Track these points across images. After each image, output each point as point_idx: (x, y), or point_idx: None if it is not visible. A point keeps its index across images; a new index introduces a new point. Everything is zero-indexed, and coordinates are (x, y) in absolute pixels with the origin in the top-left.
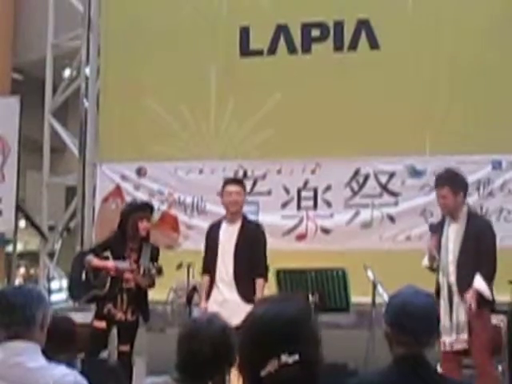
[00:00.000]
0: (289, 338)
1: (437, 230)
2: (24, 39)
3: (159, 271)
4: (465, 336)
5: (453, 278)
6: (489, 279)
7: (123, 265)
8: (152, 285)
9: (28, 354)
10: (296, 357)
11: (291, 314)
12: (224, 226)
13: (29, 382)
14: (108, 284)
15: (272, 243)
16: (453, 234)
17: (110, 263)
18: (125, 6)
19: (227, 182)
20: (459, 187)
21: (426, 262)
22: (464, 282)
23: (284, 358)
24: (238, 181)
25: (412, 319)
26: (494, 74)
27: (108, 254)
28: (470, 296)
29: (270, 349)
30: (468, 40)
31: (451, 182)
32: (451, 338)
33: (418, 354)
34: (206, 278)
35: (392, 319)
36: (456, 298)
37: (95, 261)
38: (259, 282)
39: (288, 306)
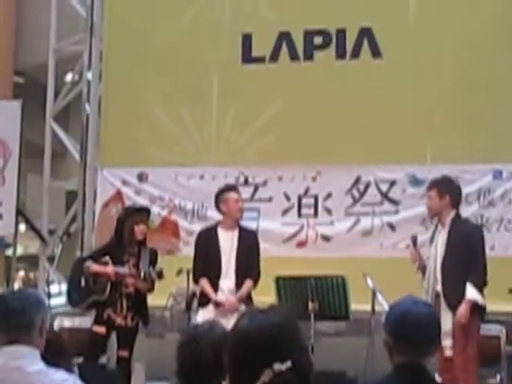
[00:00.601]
0: (278, 346)
1: (416, 242)
2: (26, 43)
3: (160, 275)
4: (448, 342)
5: (439, 287)
6: (480, 287)
7: (123, 270)
8: (152, 289)
9: (27, 359)
10: (288, 363)
11: (276, 322)
12: (221, 231)
13: None
14: (108, 289)
15: (272, 250)
16: (440, 240)
17: (110, 268)
18: (127, 11)
19: (229, 188)
20: (446, 191)
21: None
22: (452, 292)
23: (277, 366)
24: (236, 188)
25: (412, 329)
26: (497, 83)
27: (107, 259)
28: (462, 311)
29: (261, 359)
30: (470, 49)
31: (439, 185)
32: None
33: (417, 363)
34: (205, 280)
35: (392, 329)
36: (443, 305)
37: (94, 266)
38: (248, 281)
39: (271, 315)
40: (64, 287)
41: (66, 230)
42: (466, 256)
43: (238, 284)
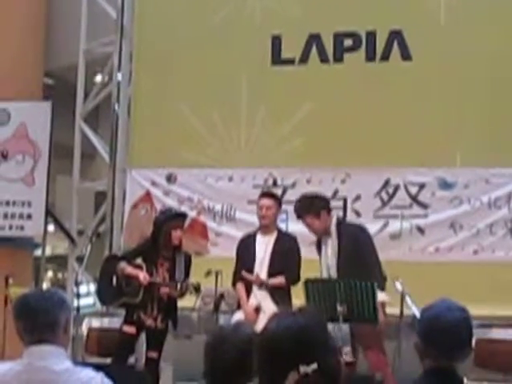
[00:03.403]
0: (304, 348)
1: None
2: (56, 45)
3: (197, 289)
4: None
5: None
6: (383, 287)
7: (157, 280)
8: (184, 296)
9: (53, 358)
10: (314, 365)
11: (303, 324)
12: (259, 237)
13: None
14: (141, 294)
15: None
16: (330, 249)
17: (142, 276)
18: (157, 12)
19: (261, 194)
20: (318, 208)
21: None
22: None
23: (303, 368)
24: (270, 194)
25: (443, 333)
26: None
27: (140, 262)
28: (382, 317)
29: (288, 361)
30: (500, 52)
31: (308, 209)
32: None
33: (448, 368)
34: (241, 285)
35: (423, 332)
36: None
37: (129, 269)
38: (281, 277)
39: (299, 317)
40: (92, 288)
41: (95, 230)
42: (359, 260)
43: (271, 287)
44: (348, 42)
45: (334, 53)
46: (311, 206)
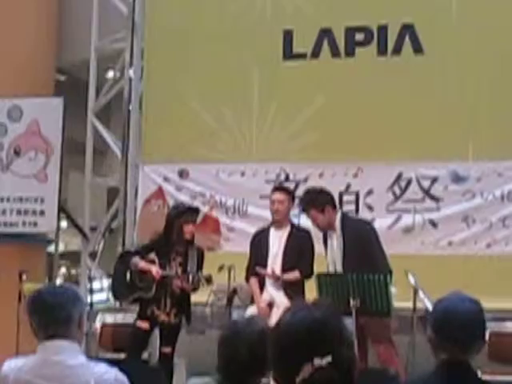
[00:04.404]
0: (318, 341)
1: None
2: (68, 41)
3: (208, 280)
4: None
5: None
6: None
7: (169, 273)
8: (197, 289)
9: (68, 352)
10: (329, 358)
11: (318, 317)
12: (272, 231)
13: (70, 379)
14: (154, 288)
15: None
16: (335, 244)
17: (155, 270)
18: (168, 8)
19: (274, 188)
20: (323, 204)
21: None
22: None
23: (317, 361)
24: (283, 188)
25: (456, 326)
26: None
27: (153, 256)
28: None
29: (302, 353)
30: None
31: (313, 203)
32: None
33: (461, 360)
34: (254, 279)
35: (436, 325)
36: None
37: (142, 264)
38: (296, 272)
39: (314, 310)
40: (106, 283)
41: (108, 226)
42: (364, 254)
43: (284, 281)
44: (359, 36)
45: (345, 47)
46: (316, 201)
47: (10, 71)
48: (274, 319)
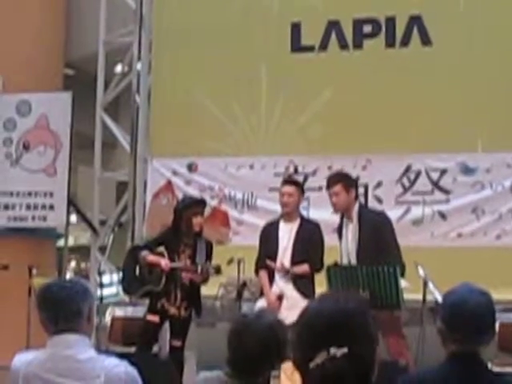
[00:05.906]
0: (338, 331)
1: None
2: (76, 35)
3: (217, 270)
4: None
5: None
6: (402, 273)
7: (178, 264)
8: (206, 281)
9: (78, 347)
10: (345, 350)
11: (343, 308)
12: (282, 224)
13: (80, 373)
14: (163, 280)
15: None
16: (350, 235)
17: (164, 262)
18: (176, 2)
19: (283, 181)
20: (351, 185)
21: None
22: None
23: (333, 350)
24: (292, 181)
25: (466, 318)
26: None
27: (162, 249)
28: None
29: (320, 341)
30: None
31: (344, 179)
32: None
33: (471, 352)
34: (264, 272)
35: (446, 317)
36: None
37: (150, 257)
38: (306, 266)
39: (343, 302)
40: (115, 277)
41: (117, 220)
42: (379, 247)
43: (293, 276)
44: (367, 29)
45: (353, 39)
46: (346, 178)
47: (19, 66)
48: (283, 312)
